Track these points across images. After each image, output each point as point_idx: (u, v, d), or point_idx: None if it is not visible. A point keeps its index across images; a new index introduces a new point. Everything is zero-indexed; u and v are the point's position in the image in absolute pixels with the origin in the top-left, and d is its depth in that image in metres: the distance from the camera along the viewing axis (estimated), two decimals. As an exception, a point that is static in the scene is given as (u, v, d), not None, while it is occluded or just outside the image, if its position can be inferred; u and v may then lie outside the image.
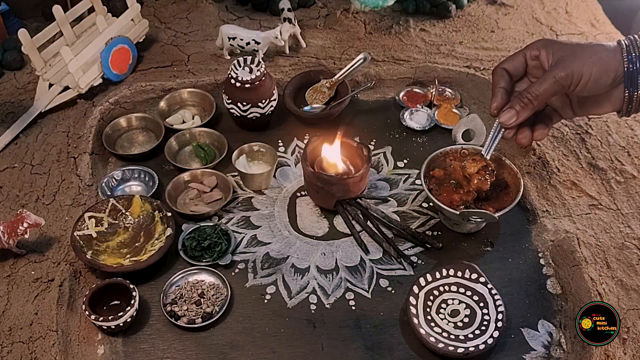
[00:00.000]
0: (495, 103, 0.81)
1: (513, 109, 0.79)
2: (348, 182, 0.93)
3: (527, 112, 0.78)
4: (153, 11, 1.40)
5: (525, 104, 0.78)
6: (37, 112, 1.10)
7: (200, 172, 1.02)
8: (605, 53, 0.74)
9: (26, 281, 0.85)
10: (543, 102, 0.78)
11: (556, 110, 0.84)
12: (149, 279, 0.89)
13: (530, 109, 0.78)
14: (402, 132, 1.13)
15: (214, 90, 1.18)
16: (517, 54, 0.81)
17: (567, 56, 0.75)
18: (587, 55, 0.74)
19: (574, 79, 0.74)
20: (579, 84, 0.74)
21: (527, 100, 0.77)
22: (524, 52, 0.80)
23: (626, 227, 0.92)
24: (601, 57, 0.74)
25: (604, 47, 0.75)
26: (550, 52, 0.77)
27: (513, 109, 0.79)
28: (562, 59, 0.75)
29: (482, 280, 0.85)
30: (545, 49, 0.78)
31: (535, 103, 0.77)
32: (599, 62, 0.73)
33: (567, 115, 0.84)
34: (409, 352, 0.81)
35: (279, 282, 0.89)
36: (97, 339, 0.82)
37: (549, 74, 0.75)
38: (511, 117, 0.79)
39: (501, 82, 0.81)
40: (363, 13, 1.37)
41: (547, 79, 0.75)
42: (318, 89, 1.17)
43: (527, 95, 0.77)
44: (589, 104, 0.80)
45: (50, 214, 0.94)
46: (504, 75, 0.82)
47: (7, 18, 1.32)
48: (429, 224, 0.97)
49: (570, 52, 0.75)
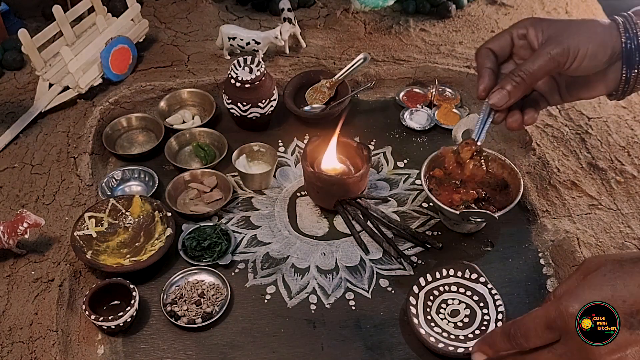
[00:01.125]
0: (482, 84, 0.75)
1: (504, 89, 0.73)
2: (348, 182, 0.93)
3: (520, 92, 0.73)
4: (153, 11, 1.40)
5: (518, 82, 0.72)
6: (37, 112, 1.10)
7: (200, 172, 1.02)
8: (600, 28, 0.70)
9: (26, 281, 0.85)
10: (536, 81, 0.73)
11: (543, 95, 0.79)
12: (149, 279, 0.89)
13: (523, 89, 0.73)
14: (402, 132, 1.13)
15: (214, 90, 1.18)
16: (502, 33, 0.76)
17: (559, 33, 0.70)
18: (582, 31, 0.70)
19: (570, 54, 0.69)
20: (575, 60, 0.70)
21: (519, 79, 0.72)
22: (510, 31, 0.75)
23: (626, 227, 0.92)
24: (597, 32, 0.70)
25: (598, 22, 0.71)
26: (539, 29, 0.72)
27: (504, 89, 0.73)
28: (555, 36, 0.70)
29: (482, 280, 0.85)
30: (533, 27, 0.73)
31: (529, 82, 0.72)
32: (594, 37, 0.69)
33: (554, 100, 0.80)
34: (409, 352, 0.81)
35: (279, 282, 0.89)
36: (97, 339, 0.82)
37: (542, 50, 0.70)
38: (502, 97, 0.73)
39: (487, 62, 0.76)
40: (363, 13, 1.37)
41: (541, 55, 0.70)
42: (318, 89, 1.17)
43: (520, 73, 0.71)
44: (579, 87, 0.76)
45: (50, 214, 0.94)
46: (489, 55, 0.76)
47: (7, 18, 1.32)
48: (429, 224, 0.97)
49: (563, 28, 0.71)
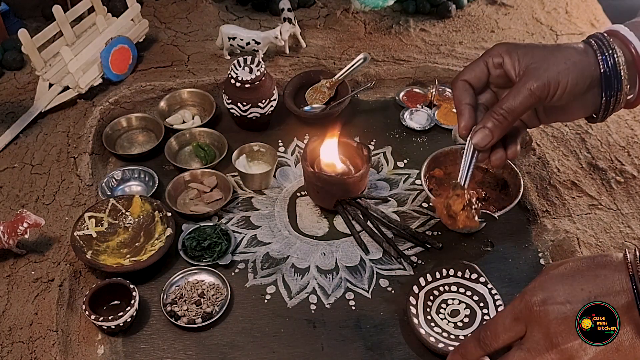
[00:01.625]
0: (463, 122, 0.72)
1: (486, 129, 0.70)
2: (348, 182, 0.93)
3: (502, 130, 0.70)
4: (153, 11, 1.40)
5: (500, 121, 0.69)
6: (37, 112, 1.10)
7: (200, 172, 1.02)
8: (578, 57, 0.68)
9: (26, 281, 0.85)
10: (518, 117, 0.70)
11: (522, 121, 0.76)
12: (149, 279, 0.89)
13: (505, 127, 0.70)
14: (402, 132, 1.13)
15: (214, 90, 1.18)
16: (477, 63, 0.73)
17: (537, 63, 0.68)
18: (560, 61, 0.67)
19: (551, 88, 0.67)
20: (555, 94, 0.67)
21: (501, 118, 0.69)
22: (485, 60, 0.72)
23: (626, 227, 0.92)
24: (575, 62, 0.68)
25: (575, 49, 0.69)
26: (515, 58, 0.69)
27: (486, 129, 0.70)
28: (534, 68, 0.68)
29: (482, 280, 0.85)
30: (509, 55, 0.70)
31: (510, 119, 0.69)
32: (574, 68, 0.67)
33: (533, 124, 0.78)
34: (409, 352, 0.81)
35: (279, 282, 0.89)
36: (97, 339, 0.82)
37: (522, 86, 0.68)
38: (485, 137, 0.70)
39: (465, 97, 0.72)
40: (363, 13, 1.37)
41: (521, 92, 0.67)
42: (318, 89, 1.17)
43: (501, 111, 0.68)
44: (558, 112, 0.74)
45: (50, 214, 0.94)
46: (466, 88, 0.73)
47: (7, 18, 1.32)
48: (429, 224, 0.97)
49: (541, 58, 0.68)
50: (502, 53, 0.70)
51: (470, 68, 0.73)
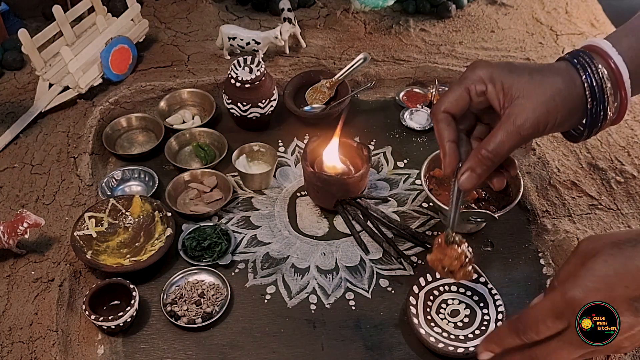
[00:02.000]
0: (447, 161, 0.69)
1: (473, 173, 0.68)
2: (348, 182, 0.93)
3: (488, 171, 0.68)
4: (153, 11, 1.40)
5: (486, 164, 0.67)
6: (37, 112, 1.10)
7: (200, 172, 1.02)
8: (563, 84, 0.65)
9: (26, 281, 0.85)
10: (505, 157, 0.67)
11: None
12: (149, 279, 0.89)
13: (492, 167, 0.67)
14: (402, 132, 1.13)
15: (214, 90, 1.18)
16: (457, 90, 0.68)
17: (524, 98, 0.64)
18: (547, 92, 0.64)
19: (540, 127, 0.65)
20: (544, 130, 0.65)
21: (487, 160, 0.67)
22: (467, 87, 0.68)
23: (626, 227, 0.92)
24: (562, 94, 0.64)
25: (560, 75, 0.66)
26: (499, 87, 0.66)
27: (473, 173, 0.68)
28: (520, 104, 0.64)
29: (482, 280, 0.85)
30: (492, 83, 0.66)
31: (497, 160, 0.67)
32: (561, 101, 0.64)
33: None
34: (409, 352, 0.81)
35: (279, 282, 0.89)
36: (97, 339, 0.82)
37: (509, 126, 0.65)
38: (471, 180, 0.68)
39: (447, 132, 0.69)
40: (363, 13, 1.37)
41: (508, 133, 0.65)
42: (318, 89, 1.17)
43: (487, 154, 0.66)
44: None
45: (50, 214, 0.94)
46: (448, 122, 0.69)
47: (7, 18, 1.32)
48: (429, 224, 0.97)
49: (526, 90, 0.65)
50: (485, 80, 0.67)
51: (450, 96, 0.69)
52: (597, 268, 0.56)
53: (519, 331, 0.60)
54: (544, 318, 0.58)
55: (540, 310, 0.58)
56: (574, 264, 0.60)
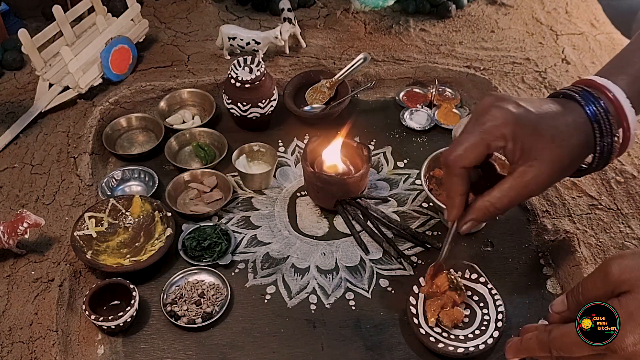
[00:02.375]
0: (454, 213, 0.72)
1: (475, 221, 0.71)
2: (348, 182, 0.93)
3: (489, 219, 0.71)
4: (153, 11, 1.40)
5: (488, 216, 0.69)
6: (37, 112, 1.10)
7: (200, 172, 1.02)
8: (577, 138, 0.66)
9: (26, 281, 0.85)
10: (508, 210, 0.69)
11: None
12: (149, 279, 0.89)
13: (493, 217, 0.70)
14: (402, 132, 1.13)
15: (214, 90, 1.18)
16: (476, 142, 0.67)
17: (542, 162, 0.65)
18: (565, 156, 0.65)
19: (549, 187, 0.67)
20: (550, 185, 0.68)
21: (490, 214, 0.69)
22: (488, 143, 0.66)
23: (626, 227, 0.92)
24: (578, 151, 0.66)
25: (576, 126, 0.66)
26: (519, 147, 0.65)
27: (475, 221, 0.71)
28: (537, 167, 0.65)
29: (482, 280, 0.85)
30: (513, 142, 0.65)
31: (500, 212, 0.69)
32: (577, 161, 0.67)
33: None
34: (409, 352, 0.81)
35: (279, 282, 0.89)
36: (97, 339, 0.82)
37: (521, 189, 0.66)
38: (471, 227, 0.71)
39: (461, 187, 0.70)
40: (363, 13, 1.37)
41: (519, 194, 0.66)
42: (318, 89, 1.17)
43: (491, 208, 0.68)
44: None
45: (50, 214, 0.94)
46: (463, 177, 0.69)
47: (7, 18, 1.32)
48: (429, 224, 0.97)
49: (546, 153, 0.65)
50: (507, 138, 0.65)
51: (470, 151, 0.67)
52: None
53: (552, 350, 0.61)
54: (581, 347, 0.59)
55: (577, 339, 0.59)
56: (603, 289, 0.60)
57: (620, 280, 0.58)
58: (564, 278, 0.88)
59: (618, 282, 0.58)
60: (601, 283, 0.60)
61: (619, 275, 0.58)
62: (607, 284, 0.59)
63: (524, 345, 0.66)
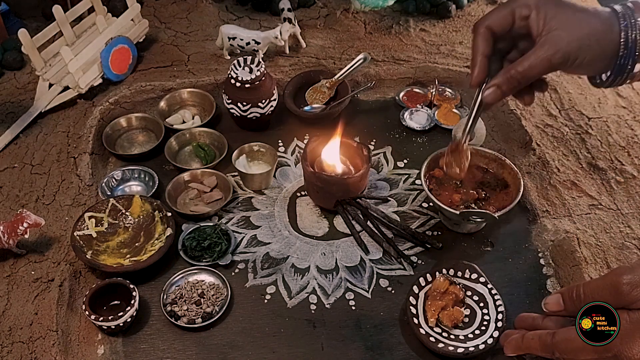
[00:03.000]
0: (475, 74, 0.72)
1: (499, 89, 0.71)
2: (348, 182, 0.93)
3: (513, 91, 0.71)
4: (153, 11, 1.40)
5: (513, 83, 0.70)
6: (37, 112, 1.10)
7: (200, 172, 1.02)
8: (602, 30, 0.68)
9: (26, 281, 0.85)
10: (532, 80, 0.70)
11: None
12: (149, 279, 0.89)
13: (517, 88, 0.71)
14: (402, 132, 1.13)
15: (214, 90, 1.18)
16: (503, 10, 0.71)
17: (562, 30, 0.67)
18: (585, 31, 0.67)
19: (569, 61, 0.67)
20: (572, 65, 0.69)
21: (514, 80, 0.70)
22: (513, 9, 0.70)
23: (626, 227, 0.92)
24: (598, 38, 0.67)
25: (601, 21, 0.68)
26: (542, 16, 0.68)
27: (499, 89, 0.71)
28: (557, 35, 0.67)
29: (482, 280, 0.85)
30: (537, 10, 0.68)
31: (524, 82, 0.70)
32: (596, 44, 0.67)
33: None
34: (409, 352, 0.81)
35: (279, 282, 0.89)
36: (97, 339, 0.82)
37: (542, 53, 0.68)
38: (495, 96, 0.71)
39: (484, 46, 0.71)
40: (363, 13, 1.37)
41: (539, 58, 0.68)
42: (318, 89, 1.17)
43: (516, 74, 0.69)
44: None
45: (50, 214, 0.94)
46: (487, 37, 0.71)
47: (7, 18, 1.32)
48: (429, 224, 0.97)
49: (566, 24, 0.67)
50: (532, 6, 0.69)
51: (495, 14, 0.71)
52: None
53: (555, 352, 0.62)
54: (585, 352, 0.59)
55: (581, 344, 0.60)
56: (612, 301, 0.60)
57: (632, 297, 0.58)
58: (564, 278, 0.88)
59: (629, 299, 0.59)
60: (609, 295, 0.60)
61: (629, 291, 0.59)
62: (617, 297, 0.59)
63: (525, 344, 0.66)
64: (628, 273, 0.59)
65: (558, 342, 0.61)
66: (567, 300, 0.64)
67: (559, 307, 0.65)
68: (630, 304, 0.58)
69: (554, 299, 0.66)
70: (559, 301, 0.65)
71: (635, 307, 0.58)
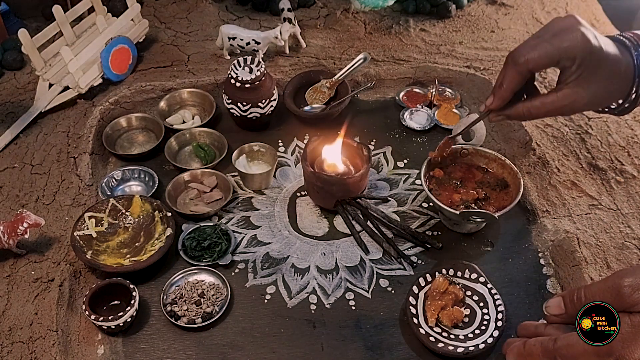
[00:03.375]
0: (495, 103, 0.77)
1: (507, 118, 0.78)
2: (348, 182, 0.93)
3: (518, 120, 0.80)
4: (153, 11, 1.40)
5: (522, 117, 0.77)
6: (37, 112, 1.10)
7: (200, 172, 1.02)
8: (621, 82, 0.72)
9: (26, 281, 0.85)
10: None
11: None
12: (149, 279, 0.89)
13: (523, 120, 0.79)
14: (402, 132, 1.13)
15: (214, 90, 1.18)
16: (551, 56, 0.71)
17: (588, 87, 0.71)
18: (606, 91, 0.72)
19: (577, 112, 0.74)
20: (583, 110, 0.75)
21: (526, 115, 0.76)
22: (559, 58, 0.70)
23: (626, 227, 0.92)
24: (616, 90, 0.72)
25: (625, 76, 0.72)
26: (579, 72, 0.70)
27: (507, 118, 0.78)
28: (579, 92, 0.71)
29: (482, 280, 0.85)
30: (578, 66, 0.70)
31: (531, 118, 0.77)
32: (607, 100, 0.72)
33: None
34: (409, 352, 0.81)
35: (279, 282, 0.89)
36: (97, 339, 0.82)
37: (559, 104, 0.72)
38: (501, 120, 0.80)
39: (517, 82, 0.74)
40: (363, 13, 1.37)
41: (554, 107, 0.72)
42: (318, 89, 1.17)
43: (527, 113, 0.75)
44: None
45: (50, 214, 0.94)
46: (524, 74, 0.73)
47: (7, 18, 1.32)
48: (429, 224, 0.97)
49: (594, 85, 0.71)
50: (576, 61, 0.70)
51: (538, 52, 0.71)
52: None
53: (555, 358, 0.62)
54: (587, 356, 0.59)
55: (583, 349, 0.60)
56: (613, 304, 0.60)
57: (633, 299, 0.58)
58: (564, 278, 0.88)
59: (630, 302, 0.58)
60: (611, 298, 0.60)
61: (630, 294, 0.59)
62: (618, 300, 0.59)
63: (527, 351, 0.66)
64: (629, 276, 0.59)
65: (560, 348, 0.61)
66: (568, 304, 0.64)
67: (560, 310, 0.65)
68: (631, 307, 0.58)
69: (555, 302, 0.66)
70: (560, 304, 0.65)
71: (636, 310, 0.58)
